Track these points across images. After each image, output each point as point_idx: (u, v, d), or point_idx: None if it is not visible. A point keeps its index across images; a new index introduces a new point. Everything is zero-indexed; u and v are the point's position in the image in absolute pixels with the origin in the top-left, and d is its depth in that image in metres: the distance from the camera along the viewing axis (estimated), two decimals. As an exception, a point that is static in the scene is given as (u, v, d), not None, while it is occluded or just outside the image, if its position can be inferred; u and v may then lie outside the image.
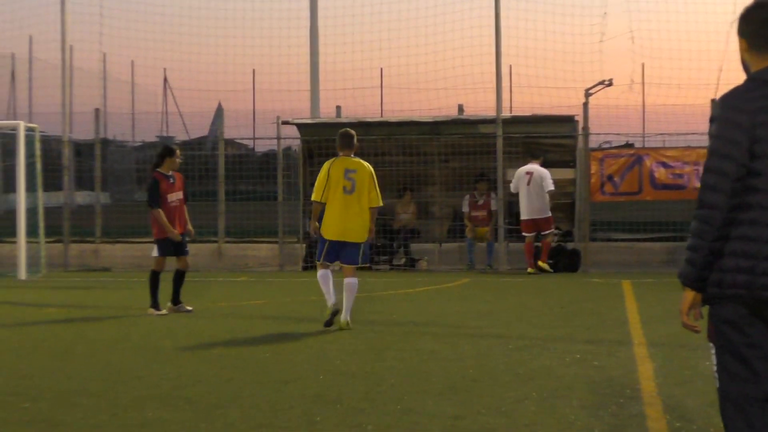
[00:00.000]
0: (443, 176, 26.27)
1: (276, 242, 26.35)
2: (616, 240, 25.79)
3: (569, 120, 25.29)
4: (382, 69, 33.84)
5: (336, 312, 13.99)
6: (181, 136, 43.91)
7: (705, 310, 5.19)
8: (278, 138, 26.07)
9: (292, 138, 26.86)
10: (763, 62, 5.06)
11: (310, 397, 9.27)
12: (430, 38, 29.78)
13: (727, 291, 4.98)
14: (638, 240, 25.58)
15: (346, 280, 14.28)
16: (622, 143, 27.01)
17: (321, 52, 28.96)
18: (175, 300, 16.22)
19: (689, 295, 5.13)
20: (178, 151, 16.63)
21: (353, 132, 14.83)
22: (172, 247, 16.13)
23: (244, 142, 41.19)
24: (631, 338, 12.79)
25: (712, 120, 5.03)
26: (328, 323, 13.94)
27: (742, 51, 5.15)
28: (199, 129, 45.26)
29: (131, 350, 12.33)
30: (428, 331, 13.66)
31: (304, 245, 25.24)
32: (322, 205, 14.29)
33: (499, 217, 24.73)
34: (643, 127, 32.87)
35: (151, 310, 15.99)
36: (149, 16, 32.03)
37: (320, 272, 14.45)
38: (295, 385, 9.86)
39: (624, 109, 28.87)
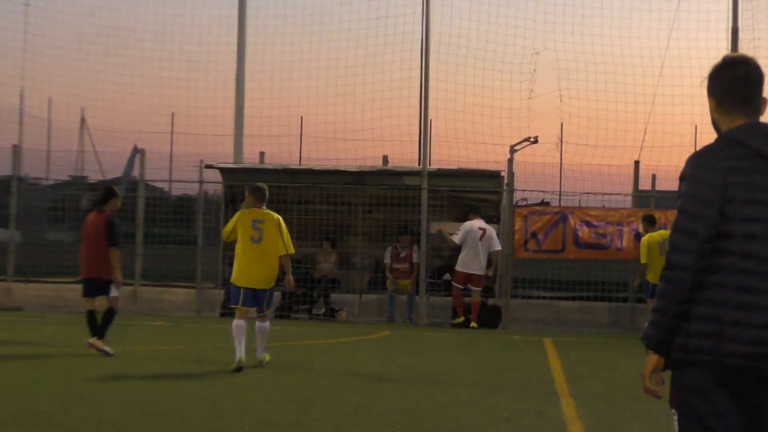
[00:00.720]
0: (366, 227, 26.15)
1: (193, 287, 26.01)
2: (536, 297, 25.82)
3: (495, 175, 25.35)
4: (302, 117, 33.74)
5: (239, 369, 14.32)
6: (95, 176, 43.25)
7: (667, 375, 5.03)
8: (201, 182, 25.82)
9: (214, 182, 26.58)
10: (733, 121, 4.97)
11: (237, 448, 9.05)
12: (356, 88, 29.73)
13: (692, 356, 4.81)
14: (558, 298, 25.66)
15: (258, 324, 15.16)
16: (538, 201, 27.11)
17: (245, 97, 28.81)
18: (102, 335, 16.11)
19: (652, 358, 4.93)
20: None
21: (264, 186, 15.67)
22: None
23: (162, 184, 40.80)
24: (558, 397, 12.70)
25: (681, 178, 4.91)
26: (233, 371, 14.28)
27: (712, 110, 5.07)
28: (115, 169, 44.64)
29: (48, 393, 11.97)
30: (353, 384, 13.48)
31: (223, 291, 24.95)
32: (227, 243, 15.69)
33: (421, 269, 24.65)
34: (560, 185, 32.98)
35: (100, 345, 15.92)
36: (71, 52, 31.69)
37: (237, 322, 14.89)
38: (221, 436, 9.62)
39: (550, 167, 28.97)
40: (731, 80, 4.99)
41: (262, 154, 28.92)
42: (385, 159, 28.09)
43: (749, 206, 4.76)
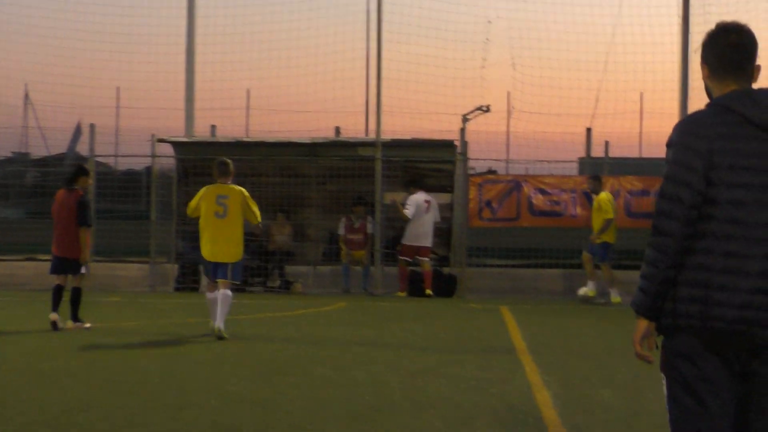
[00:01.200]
0: (320, 198, 26.08)
1: (146, 262, 25.88)
2: (491, 266, 25.93)
3: (448, 145, 25.33)
4: (248, 90, 33.55)
5: (219, 338, 15.07)
6: (40, 152, 42.71)
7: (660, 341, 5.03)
8: (153, 156, 25.60)
9: (167, 156, 26.37)
10: (725, 88, 5.00)
11: (208, 424, 9.01)
12: (305, 60, 29.62)
13: (680, 321, 4.84)
14: (513, 266, 25.78)
15: (220, 292, 15.50)
16: (485, 170, 27.19)
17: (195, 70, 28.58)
18: (75, 317, 16.50)
19: (642, 324, 4.96)
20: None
21: (229, 161, 16.14)
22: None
23: (111, 160, 40.42)
24: (522, 364, 12.77)
25: (668, 145, 4.94)
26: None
27: (705, 78, 5.10)
28: (61, 145, 44.16)
29: (10, 373, 11.87)
30: (316, 356, 13.47)
31: (177, 266, 24.85)
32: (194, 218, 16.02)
33: (375, 240, 24.65)
34: (508, 153, 33.09)
35: (78, 324, 16.39)
36: (12, 26, 31.31)
37: (208, 295, 15.81)
38: (190, 412, 9.57)
39: (503, 135, 29.04)
40: (724, 47, 5.00)
41: (213, 127, 28.77)
42: (338, 130, 28.02)
43: (735, 172, 4.79)
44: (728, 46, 4.99)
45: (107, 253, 27.31)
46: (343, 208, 25.18)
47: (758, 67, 5.05)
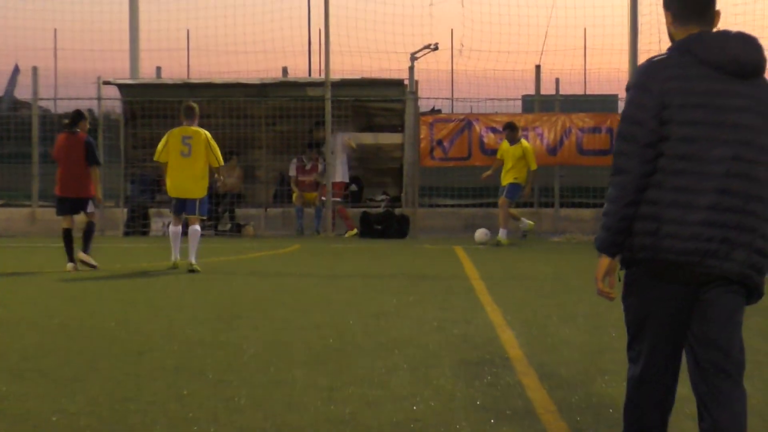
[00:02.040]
0: (270, 139, 25.93)
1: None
2: (443, 206, 25.94)
3: (398, 83, 25.24)
4: (188, 30, 33.17)
5: (174, 267, 16.73)
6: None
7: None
8: (99, 99, 25.31)
9: (113, 99, 26.05)
10: (687, 33, 5.17)
11: (171, 368, 8.91)
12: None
13: (636, 254, 5.09)
14: (465, 206, 25.79)
15: (190, 228, 16.79)
16: (428, 109, 27.15)
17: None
18: (86, 249, 16.99)
19: (604, 261, 5.21)
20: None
21: (194, 105, 17.27)
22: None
23: (49, 104, 39.87)
24: (482, 304, 12.77)
25: (627, 88, 5.16)
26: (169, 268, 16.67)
27: (668, 24, 5.26)
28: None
29: (-37, 321, 11.72)
30: (275, 299, 13.42)
31: (126, 210, 24.64)
32: (164, 164, 17.05)
33: (327, 181, 24.54)
34: (452, 92, 33.04)
35: (88, 258, 16.93)
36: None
37: (172, 228, 17.21)
38: (152, 356, 9.47)
39: (451, 74, 28.93)
40: None
41: (158, 69, 28.46)
42: (285, 70, 27.85)
43: (686, 110, 4.97)
44: None
45: (52, 197, 27.00)
46: (293, 149, 25.05)
47: (718, 13, 5.25)
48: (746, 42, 5.07)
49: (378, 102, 25.62)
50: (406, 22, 26.87)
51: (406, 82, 25.21)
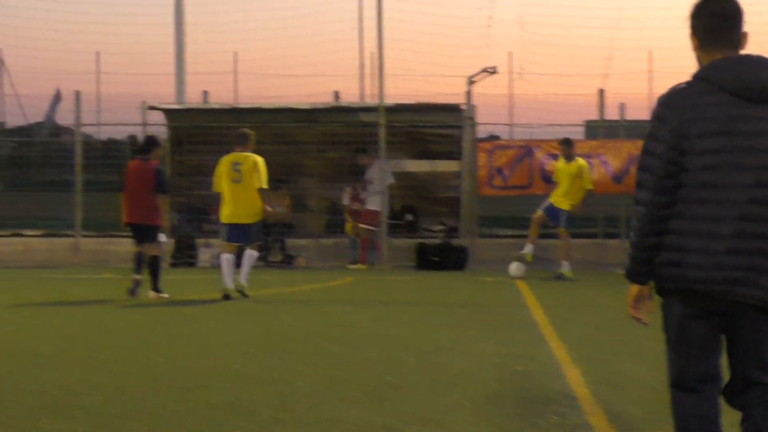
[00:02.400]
0: (320, 167, 25.97)
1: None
2: (503, 236, 25.83)
3: (455, 109, 25.21)
4: (236, 53, 33.34)
5: (226, 297, 16.92)
6: (16, 121, 42.16)
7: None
8: (144, 124, 25.48)
9: (158, 125, 26.21)
10: (712, 58, 5.33)
11: (219, 406, 8.90)
12: (295, 20, 29.52)
13: (664, 285, 5.37)
14: (525, 236, 25.62)
15: (247, 252, 17.38)
16: (486, 135, 27.12)
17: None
18: (156, 286, 17.58)
19: (633, 289, 5.52)
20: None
21: (248, 131, 17.86)
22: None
23: (91, 129, 40.08)
24: (546, 341, 12.69)
25: (650, 119, 5.40)
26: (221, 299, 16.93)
27: (695, 49, 5.44)
28: (40, 113, 43.85)
29: (4, 355, 11.75)
30: (328, 333, 13.40)
31: (173, 240, 24.74)
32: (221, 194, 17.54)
33: (382, 211, 24.52)
34: (511, 117, 33.00)
35: (159, 294, 17.46)
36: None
37: (224, 255, 17.29)
38: (200, 393, 9.47)
39: (511, 98, 28.92)
40: (708, 17, 5.37)
41: (205, 93, 28.61)
42: (336, 95, 27.90)
43: (705, 139, 5.16)
44: (712, 16, 5.36)
45: (96, 227, 27.20)
46: (345, 176, 25.04)
47: (745, 35, 5.39)
48: (762, 66, 5.21)
49: (433, 128, 25.62)
50: (463, 45, 27.05)
51: (463, 106, 25.17)
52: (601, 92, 26.42)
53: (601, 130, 26.47)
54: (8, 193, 30.81)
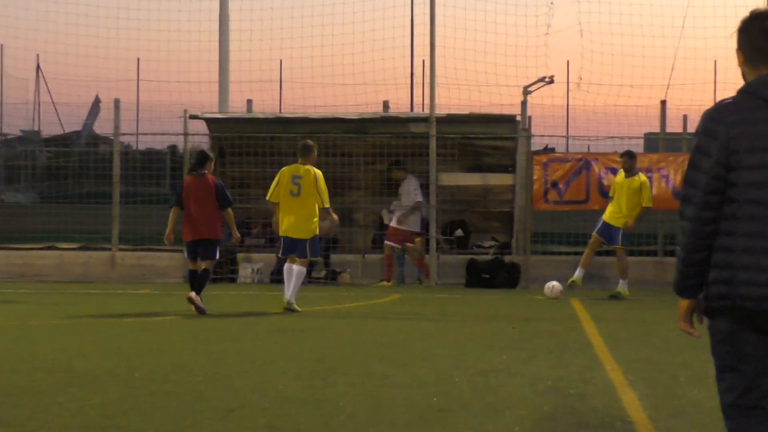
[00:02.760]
0: (369, 180, 26.04)
1: (179, 251, 25.92)
2: (557, 253, 25.79)
3: (510, 120, 25.24)
4: (281, 60, 33.44)
5: (287, 309, 17.63)
6: (51, 130, 42.40)
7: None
8: (185, 134, 25.64)
9: (201, 134, 26.41)
10: (758, 74, 5.51)
11: (262, 427, 8.99)
12: (344, 27, 29.56)
13: (714, 303, 5.45)
14: (581, 254, 25.55)
15: (295, 267, 17.91)
16: (541, 148, 27.12)
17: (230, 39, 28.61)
18: (199, 291, 17.79)
19: (683, 303, 5.64)
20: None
21: (309, 143, 18.46)
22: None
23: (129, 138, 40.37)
24: (602, 363, 12.69)
25: (695, 133, 5.60)
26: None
27: (740, 64, 5.62)
28: (78, 122, 44.17)
29: (41, 372, 11.87)
30: (374, 353, 13.45)
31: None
32: (275, 205, 18.12)
33: (431, 226, 24.59)
34: (567, 128, 33.01)
35: (198, 299, 17.62)
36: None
37: (286, 265, 18.09)
38: (241, 414, 9.56)
39: (569, 109, 28.91)
40: (758, 34, 5.52)
41: (249, 102, 28.76)
42: (386, 104, 27.97)
43: (753, 155, 5.31)
44: (761, 33, 5.51)
45: (133, 240, 27.42)
46: (393, 191, 25.06)
47: None
48: None
49: (487, 140, 25.66)
50: (519, 53, 26.89)
51: (519, 118, 25.19)
52: (663, 103, 26.36)
53: (662, 143, 26.42)
54: (44, 205, 31.04)
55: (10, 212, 31.38)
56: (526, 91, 26.09)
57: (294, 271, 17.82)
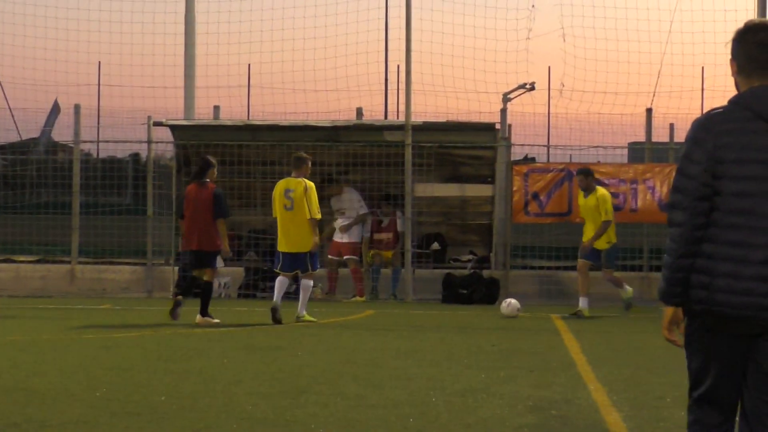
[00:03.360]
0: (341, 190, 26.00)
1: (140, 264, 25.91)
2: (538, 267, 25.78)
3: (489, 128, 25.28)
4: (249, 65, 33.39)
5: (273, 308, 18.44)
6: (8, 137, 42.12)
7: None
8: (148, 142, 25.58)
9: (165, 142, 26.34)
10: (750, 85, 5.82)
11: (229, 450, 9.00)
12: (316, 31, 29.58)
13: (693, 306, 5.79)
14: (564, 268, 25.62)
15: (302, 281, 19.01)
16: (521, 157, 27.20)
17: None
18: (204, 312, 18.56)
19: (668, 311, 5.93)
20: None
21: (301, 155, 19.13)
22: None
23: (103, 145, 40.21)
24: (585, 382, 12.72)
25: (685, 140, 5.87)
26: (272, 319, 18.46)
27: (733, 73, 5.92)
28: (36, 129, 43.95)
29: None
30: (346, 372, 13.45)
31: (176, 268, 24.74)
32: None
33: (406, 239, 24.59)
34: (549, 137, 33.11)
35: (207, 319, 18.49)
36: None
37: (279, 278, 18.86)
38: (208, 436, 9.57)
39: (551, 117, 28.99)
40: (752, 45, 5.81)
41: (216, 108, 28.73)
42: (360, 112, 28.00)
43: (741, 165, 5.65)
44: (755, 44, 5.81)
45: (93, 253, 27.33)
46: (367, 201, 25.05)
47: None
48: None
49: (465, 149, 25.68)
50: (498, 58, 26.95)
51: (498, 126, 25.26)
52: (649, 111, 26.43)
53: (647, 153, 26.51)
54: (-1, 215, 30.92)
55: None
56: (506, 99, 26.20)
57: (302, 285, 18.93)
